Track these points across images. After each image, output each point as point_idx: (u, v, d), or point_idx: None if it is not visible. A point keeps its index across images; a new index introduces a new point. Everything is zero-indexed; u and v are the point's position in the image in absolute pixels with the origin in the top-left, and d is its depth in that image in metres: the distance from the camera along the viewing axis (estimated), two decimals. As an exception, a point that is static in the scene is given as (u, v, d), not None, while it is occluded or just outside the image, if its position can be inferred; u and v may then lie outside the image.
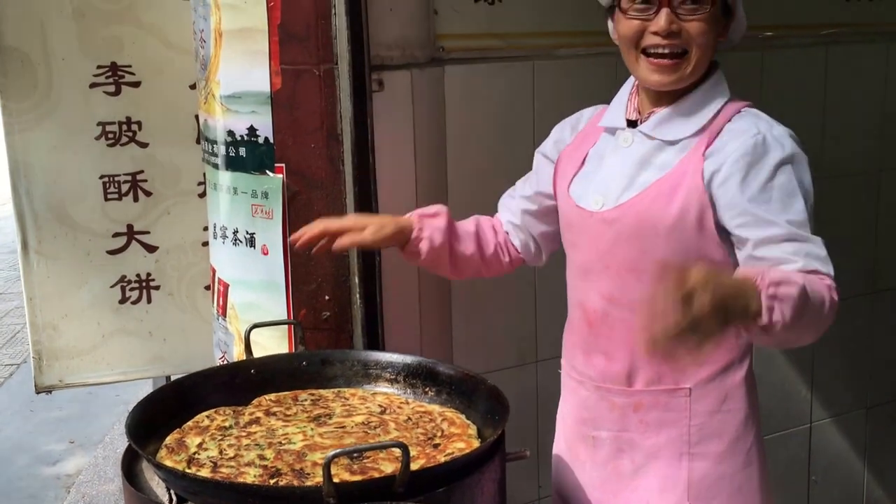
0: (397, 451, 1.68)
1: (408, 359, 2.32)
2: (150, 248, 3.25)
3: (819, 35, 3.60)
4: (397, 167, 2.78)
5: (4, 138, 3.05)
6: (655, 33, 2.01)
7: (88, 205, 3.16)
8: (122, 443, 5.47)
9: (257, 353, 2.42)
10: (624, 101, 2.20)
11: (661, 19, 1.99)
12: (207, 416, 2.12)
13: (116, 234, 3.22)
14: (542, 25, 3.02)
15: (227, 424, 2.08)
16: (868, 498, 4.09)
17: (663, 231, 2.03)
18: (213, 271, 2.78)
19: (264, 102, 2.50)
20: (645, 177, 2.08)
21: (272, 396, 2.24)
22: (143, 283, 3.26)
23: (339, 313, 2.57)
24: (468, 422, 2.09)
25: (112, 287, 3.24)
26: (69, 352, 3.23)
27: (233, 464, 1.91)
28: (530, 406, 3.16)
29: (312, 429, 2.06)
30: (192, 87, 3.01)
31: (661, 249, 2.03)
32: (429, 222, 2.30)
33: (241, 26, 2.49)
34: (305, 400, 2.22)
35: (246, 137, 2.54)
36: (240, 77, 2.53)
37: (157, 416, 2.10)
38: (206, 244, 2.99)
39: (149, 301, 3.28)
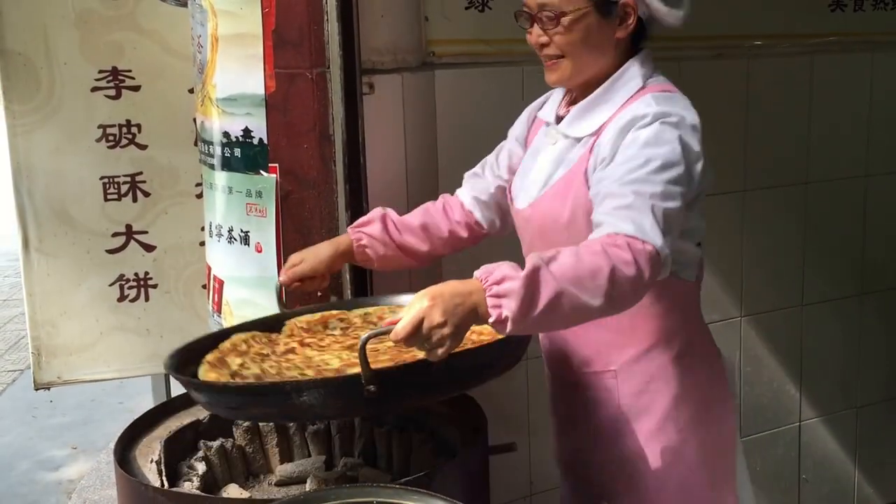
0: None
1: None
2: (149, 248, 3.30)
3: (805, 44, 3.65)
4: (388, 167, 2.83)
5: (7, 140, 3.10)
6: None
7: (88, 205, 3.21)
8: (123, 449, 5.50)
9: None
10: (561, 95, 2.29)
11: (531, 35, 2.15)
12: (244, 342, 2.16)
13: (115, 234, 3.27)
14: None
15: (264, 352, 2.13)
16: (858, 496, 4.11)
17: (562, 227, 2.11)
18: (209, 269, 2.82)
19: (259, 105, 2.55)
20: (555, 175, 2.17)
21: (302, 322, 2.28)
22: (142, 282, 3.30)
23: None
24: None
25: (111, 285, 3.29)
26: (67, 349, 3.28)
27: (277, 378, 1.96)
28: (522, 402, 3.21)
29: (347, 354, 2.10)
30: (191, 91, 3.05)
31: (564, 244, 2.02)
32: (365, 231, 2.42)
33: (236, 32, 2.55)
34: (335, 328, 2.27)
35: (241, 138, 2.60)
36: (235, 80, 2.59)
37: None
38: (202, 244, 3.02)
39: (146, 299, 3.32)
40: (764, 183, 3.66)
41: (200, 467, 2.14)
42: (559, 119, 2.23)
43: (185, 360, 2.03)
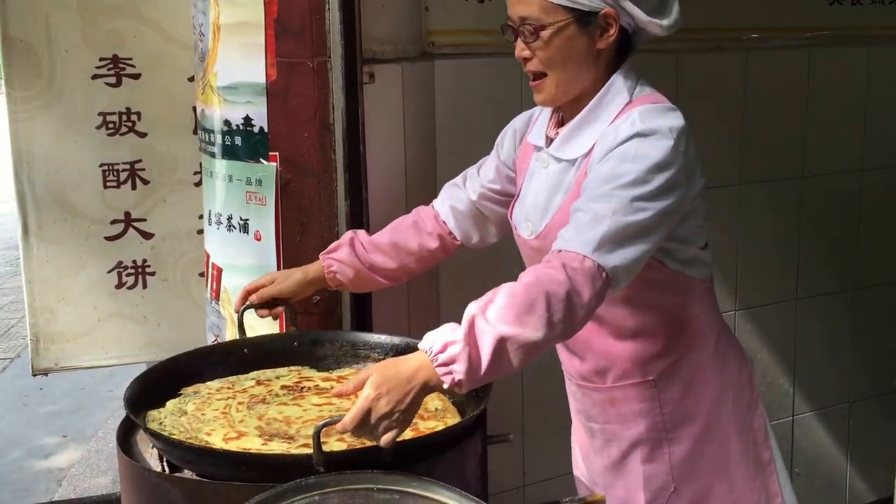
0: None
1: (395, 339, 2.40)
2: (147, 235, 3.30)
3: (802, 38, 3.67)
4: (387, 156, 2.85)
5: (8, 126, 3.11)
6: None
7: (88, 192, 3.21)
8: (114, 437, 5.50)
9: (249, 335, 2.50)
10: (548, 116, 2.26)
11: (516, 49, 2.12)
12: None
13: (114, 221, 3.27)
14: None
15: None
16: (850, 491, 4.14)
17: None
18: (208, 256, 2.83)
19: (260, 93, 2.56)
20: (556, 201, 2.15)
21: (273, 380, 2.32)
22: (139, 269, 3.30)
23: (328, 297, 2.63)
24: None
25: (109, 272, 3.29)
26: (65, 335, 3.28)
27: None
28: (514, 392, 3.22)
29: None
30: (190, 79, 3.06)
31: None
32: (334, 257, 2.44)
33: (238, 20, 2.56)
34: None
35: (241, 127, 2.60)
36: (236, 69, 2.59)
37: (154, 391, 2.16)
38: (200, 232, 3.06)
39: (144, 287, 3.32)
40: (760, 176, 3.67)
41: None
42: (549, 141, 2.21)
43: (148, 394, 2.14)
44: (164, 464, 1.97)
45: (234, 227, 2.68)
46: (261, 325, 2.56)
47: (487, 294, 1.81)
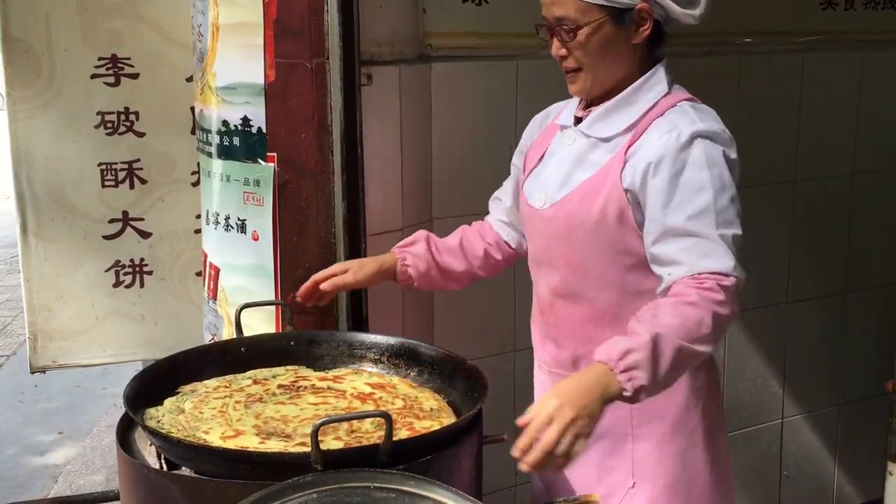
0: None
1: (391, 340, 2.43)
2: (144, 235, 3.30)
3: (796, 42, 3.69)
4: (384, 158, 2.86)
5: (7, 125, 3.11)
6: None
7: (86, 191, 3.22)
8: (109, 434, 5.52)
9: (246, 334, 2.52)
10: (576, 101, 2.31)
11: (552, 47, 2.18)
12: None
13: (112, 220, 3.27)
14: (526, 26, 3.02)
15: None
16: (838, 493, 4.16)
17: (589, 229, 2.15)
18: (205, 256, 2.84)
19: (258, 94, 2.57)
20: (578, 175, 2.20)
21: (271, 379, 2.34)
22: (137, 268, 3.31)
23: (325, 298, 2.65)
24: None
25: (107, 271, 3.29)
26: (63, 333, 3.28)
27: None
28: (507, 394, 3.23)
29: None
30: (189, 79, 3.06)
31: (589, 244, 2.16)
32: (409, 251, 2.50)
33: (237, 21, 2.57)
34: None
35: (239, 127, 2.61)
36: (235, 69, 2.60)
37: (152, 389, 2.18)
38: (198, 231, 3.06)
39: (142, 285, 3.33)
40: (752, 180, 3.67)
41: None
42: (577, 121, 2.26)
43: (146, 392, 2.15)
44: (163, 461, 1.99)
45: (232, 227, 2.69)
46: (258, 325, 2.58)
47: (644, 313, 1.93)
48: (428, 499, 1.72)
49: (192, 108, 3.01)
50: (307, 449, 1.76)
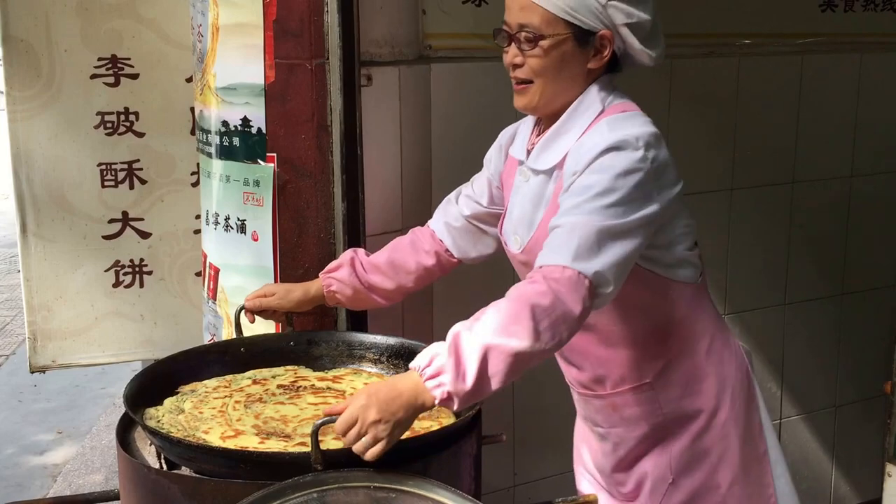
0: None
1: (391, 340, 2.44)
2: (144, 235, 3.31)
3: (795, 44, 3.69)
4: (384, 158, 2.87)
5: (7, 125, 3.12)
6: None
7: (86, 191, 3.23)
8: (108, 434, 5.52)
9: (246, 334, 2.53)
10: (530, 128, 2.30)
11: (508, 55, 2.15)
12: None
13: (112, 220, 3.28)
14: None
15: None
16: (835, 493, 4.17)
17: None
18: (205, 256, 2.85)
19: (258, 94, 2.58)
20: (537, 214, 2.19)
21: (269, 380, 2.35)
22: (137, 268, 3.32)
23: (325, 298, 2.65)
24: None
25: (106, 271, 3.30)
26: (62, 333, 3.29)
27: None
28: (507, 394, 3.25)
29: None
30: (188, 80, 3.08)
31: None
32: (334, 276, 2.48)
33: (237, 21, 2.58)
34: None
35: (239, 128, 2.62)
36: (235, 70, 2.61)
37: (152, 389, 2.19)
38: (197, 232, 3.07)
39: (141, 286, 3.34)
40: (750, 182, 3.70)
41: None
42: (529, 154, 2.24)
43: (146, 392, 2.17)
44: (162, 461, 2.00)
45: (232, 228, 2.70)
46: (257, 325, 2.59)
47: (476, 314, 1.84)
48: (427, 499, 1.73)
49: (192, 109, 3.01)
50: (307, 449, 1.77)
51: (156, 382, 2.22)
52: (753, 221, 3.74)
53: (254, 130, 2.61)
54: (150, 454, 2.04)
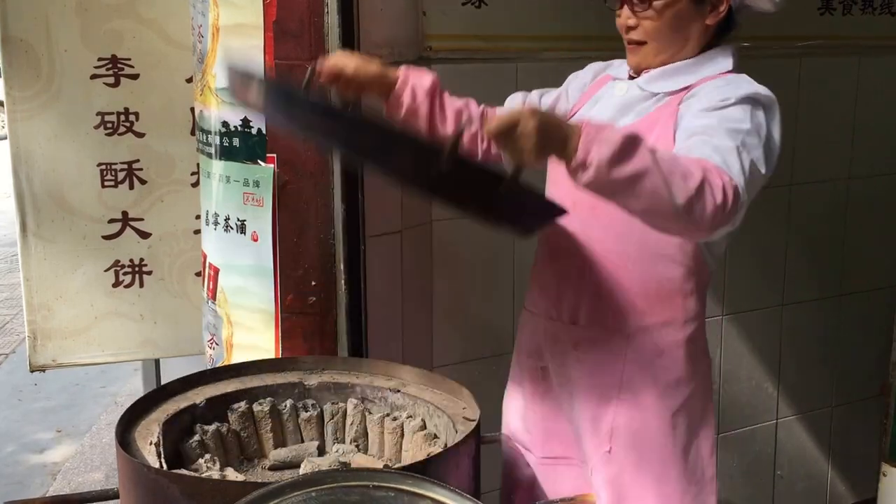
0: None
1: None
2: (144, 235, 3.32)
3: (794, 47, 3.69)
4: (383, 159, 2.87)
5: (7, 125, 3.13)
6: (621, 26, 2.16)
7: (86, 191, 3.24)
8: (108, 433, 5.52)
9: (242, 334, 2.53)
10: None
11: (621, 17, 2.15)
12: None
13: (112, 220, 3.29)
14: (526, 29, 3.12)
15: None
16: (831, 492, 4.18)
17: None
18: (205, 256, 2.84)
19: (258, 95, 2.59)
20: (623, 120, 2.17)
21: None
22: (136, 268, 3.33)
23: (324, 298, 2.65)
24: None
25: (106, 271, 3.31)
26: (62, 332, 3.30)
27: None
28: (500, 395, 3.25)
29: None
30: (188, 80, 3.08)
31: None
32: (415, 76, 2.33)
33: (237, 22, 2.58)
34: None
35: (239, 128, 2.62)
36: (235, 70, 2.62)
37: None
38: (197, 232, 3.07)
39: (141, 286, 3.35)
40: (749, 183, 3.70)
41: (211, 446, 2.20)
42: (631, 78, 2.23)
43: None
44: (163, 461, 2.00)
45: (231, 228, 2.70)
46: (258, 325, 2.59)
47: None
48: (427, 498, 1.73)
49: (192, 109, 3.01)
50: None
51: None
52: (751, 223, 3.72)
53: (254, 131, 2.61)
54: (150, 454, 2.04)
